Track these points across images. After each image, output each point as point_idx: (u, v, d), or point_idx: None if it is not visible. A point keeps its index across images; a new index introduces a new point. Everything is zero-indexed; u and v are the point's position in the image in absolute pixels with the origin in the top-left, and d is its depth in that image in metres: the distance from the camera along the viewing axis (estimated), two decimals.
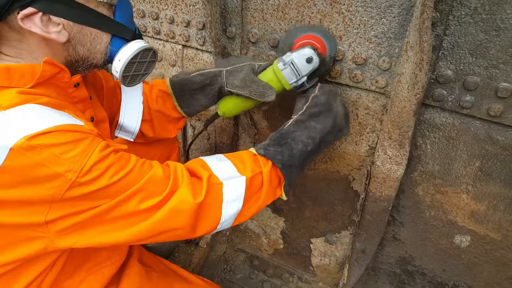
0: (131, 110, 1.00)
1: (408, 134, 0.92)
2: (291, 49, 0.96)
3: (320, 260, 1.43)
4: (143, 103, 1.01)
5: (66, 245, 0.67)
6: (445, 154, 0.98)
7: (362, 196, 1.14)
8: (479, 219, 1.02)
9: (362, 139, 1.07)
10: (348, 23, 0.92)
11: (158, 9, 1.19)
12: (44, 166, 0.58)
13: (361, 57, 0.93)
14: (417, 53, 0.78)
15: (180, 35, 1.19)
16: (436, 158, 1.00)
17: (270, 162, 0.80)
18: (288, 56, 0.89)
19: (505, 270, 1.06)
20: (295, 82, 0.90)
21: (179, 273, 1.05)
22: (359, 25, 0.91)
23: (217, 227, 0.76)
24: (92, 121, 0.84)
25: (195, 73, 1.00)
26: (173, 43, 1.24)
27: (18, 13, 0.63)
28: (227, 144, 1.30)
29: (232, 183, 0.75)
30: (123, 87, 1.00)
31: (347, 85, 1.01)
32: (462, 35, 0.82)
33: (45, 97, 0.66)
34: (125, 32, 0.78)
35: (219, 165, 0.79)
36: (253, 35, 1.06)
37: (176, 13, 1.16)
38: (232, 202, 0.75)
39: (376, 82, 0.95)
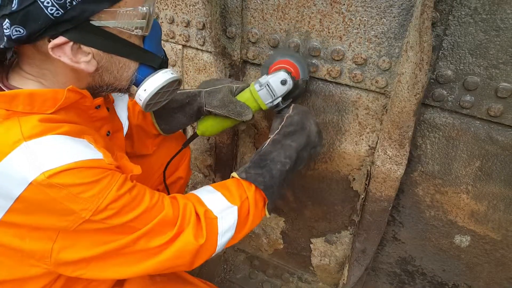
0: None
1: (408, 134, 0.92)
2: (267, 72, 1.01)
3: (320, 260, 1.43)
4: (127, 118, 1.01)
5: (71, 275, 0.67)
6: (445, 154, 0.98)
7: (362, 196, 1.14)
8: (479, 219, 1.02)
9: (362, 139, 1.07)
10: (348, 23, 0.92)
11: (158, 9, 1.19)
12: (60, 203, 0.59)
13: (361, 57, 0.93)
14: (417, 53, 0.78)
15: (180, 35, 1.19)
16: (436, 158, 1.00)
17: (253, 186, 0.83)
18: (264, 79, 0.94)
19: (505, 270, 1.06)
20: (271, 102, 0.95)
21: (181, 276, 1.06)
22: (359, 25, 0.91)
23: (211, 256, 0.79)
24: (108, 135, 0.84)
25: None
26: (173, 43, 1.24)
27: (48, 41, 0.62)
28: (227, 144, 1.30)
29: (225, 215, 0.78)
30: (115, 100, 0.99)
31: (347, 85, 1.01)
32: (462, 35, 0.82)
33: (66, 124, 0.66)
34: (153, 60, 0.77)
35: (211, 198, 0.81)
36: (253, 35, 1.06)
37: (176, 13, 1.16)
38: (226, 233, 0.78)
39: (376, 82, 0.95)
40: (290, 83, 0.93)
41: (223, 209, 0.79)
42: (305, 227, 1.37)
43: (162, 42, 1.26)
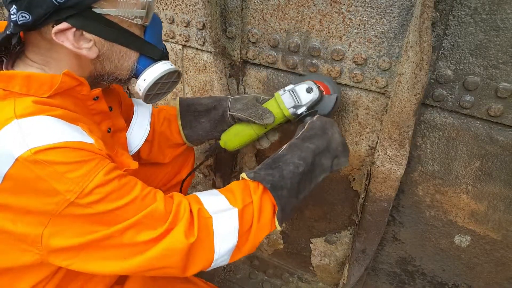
0: (139, 128, 1.02)
1: (408, 134, 0.92)
2: None
3: (320, 260, 1.43)
4: (150, 124, 1.03)
5: (60, 265, 0.66)
6: (445, 154, 0.98)
7: (362, 196, 1.14)
8: (479, 219, 1.02)
9: (362, 139, 1.07)
10: (348, 23, 0.92)
11: (158, 9, 1.19)
12: (45, 181, 0.58)
13: (361, 57, 0.93)
14: (417, 53, 0.78)
15: (180, 35, 1.19)
16: (436, 158, 1.00)
17: (260, 187, 0.76)
18: (289, 86, 0.93)
19: (505, 270, 1.06)
20: (294, 108, 0.92)
21: None
22: (359, 25, 0.91)
23: (212, 265, 0.73)
24: (108, 132, 0.84)
25: (204, 97, 1.04)
26: (173, 43, 1.24)
27: (52, 26, 0.64)
28: None
29: (222, 216, 0.72)
30: (136, 105, 1.03)
31: (347, 85, 1.01)
32: (462, 35, 0.82)
33: (60, 109, 0.66)
34: (153, 52, 0.79)
35: (211, 199, 0.77)
36: (253, 35, 1.06)
37: (176, 13, 1.16)
38: (226, 237, 0.72)
39: (376, 82, 0.95)
40: (316, 92, 0.90)
41: (221, 210, 0.74)
42: (305, 227, 1.37)
43: (162, 42, 1.26)
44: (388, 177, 1.02)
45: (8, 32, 0.65)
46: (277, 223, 0.77)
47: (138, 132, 1.01)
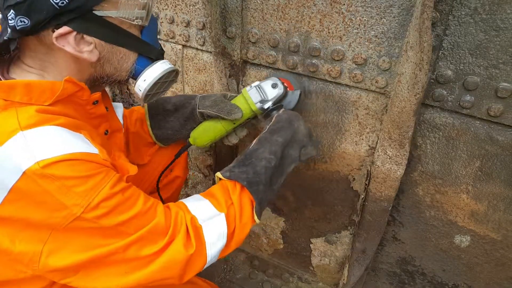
0: None
1: (408, 134, 0.92)
2: None
3: (320, 260, 1.43)
4: (123, 125, 1.02)
5: (59, 282, 0.65)
6: (445, 154, 0.98)
7: (362, 196, 1.14)
8: (479, 219, 1.02)
9: (362, 139, 1.07)
10: (348, 23, 0.92)
11: (158, 9, 1.19)
12: (52, 196, 0.58)
13: (361, 57, 0.93)
14: (417, 53, 0.78)
15: (180, 35, 1.19)
16: (436, 158, 1.00)
17: (238, 186, 0.79)
18: (255, 83, 0.97)
19: (505, 270, 1.06)
20: (261, 103, 0.95)
21: None
22: (359, 25, 0.91)
23: (203, 268, 0.76)
24: (106, 134, 0.84)
25: (173, 96, 1.05)
26: (173, 43, 1.24)
27: (53, 31, 0.63)
28: (227, 144, 1.30)
29: (212, 223, 0.75)
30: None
31: (347, 85, 1.01)
32: (462, 35, 0.82)
33: (62, 117, 0.66)
34: (151, 51, 0.79)
35: (197, 205, 0.78)
36: (253, 35, 1.06)
37: (176, 13, 1.16)
38: (217, 242, 0.74)
39: (376, 82, 0.95)
40: (281, 87, 0.95)
41: (209, 217, 0.75)
42: (305, 227, 1.37)
43: (162, 42, 1.26)
44: (388, 177, 1.01)
45: (5, 38, 0.63)
46: (256, 217, 0.80)
47: None
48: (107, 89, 1.04)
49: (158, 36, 1.24)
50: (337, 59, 0.96)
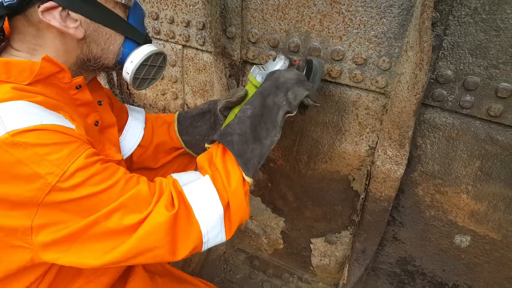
0: (133, 132, 1.02)
1: (408, 134, 0.92)
2: None
3: (320, 260, 1.43)
4: (145, 129, 1.04)
5: (50, 259, 0.64)
6: (445, 154, 0.98)
7: (362, 196, 1.14)
8: (479, 219, 1.02)
9: (362, 139, 1.07)
10: (348, 23, 0.92)
11: (158, 9, 1.19)
12: (25, 166, 0.57)
13: (361, 57, 0.93)
14: (417, 53, 0.78)
15: (180, 35, 1.19)
16: (436, 158, 1.00)
17: (220, 148, 0.77)
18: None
19: (505, 270, 1.06)
20: (260, 76, 0.90)
21: (182, 277, 1.06)
22: (359, 25, 0.91)
23: (204, 240, 0.70)
24: (96, 125, 0.83)
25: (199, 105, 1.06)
26: (173, 43, 1.24)
27: (38, 6, 0.65)
28: None
29: (194, 185, 0.72)
30: (130, 111, 1.04)
31: (347, 85, 1.01)
32: (462, 35, 0.82)
33: (41, 96, 0.65)
34: (138, 35, 0.80)
35: (182, 174, 0.77)
36: (253, 35, 1.06)
37: (176, 13, 1.16)
38: (206, 205, 0.70)
39: (376, 82, 0.95)
40: (281, 57, 0.91)
41: (191, 180, 0.73)
42: (305, 227, 1.37)
43: (162, 42, 1.26)
44: (388, 177, 1.02)
45: None
46: (244, 175, 0.74)
47: (132, 136, 1.02)
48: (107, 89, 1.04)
49: (158, 36, 1.24)
50: (337, 59, 0.96)
